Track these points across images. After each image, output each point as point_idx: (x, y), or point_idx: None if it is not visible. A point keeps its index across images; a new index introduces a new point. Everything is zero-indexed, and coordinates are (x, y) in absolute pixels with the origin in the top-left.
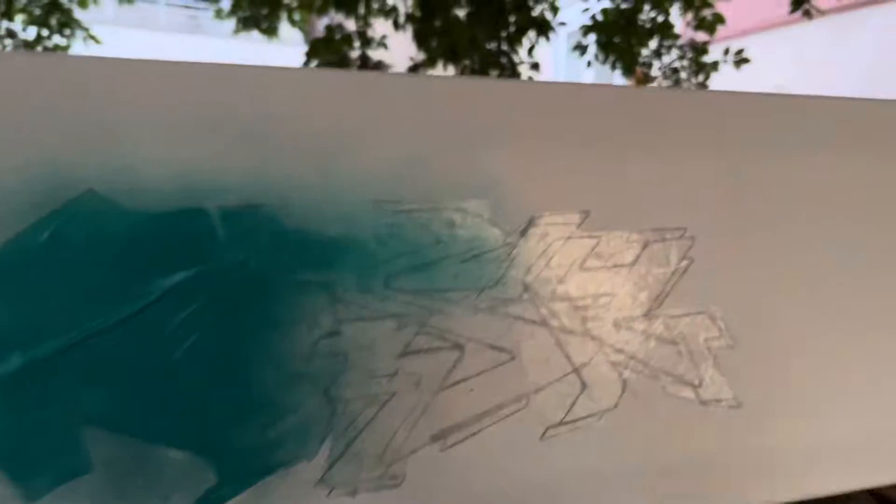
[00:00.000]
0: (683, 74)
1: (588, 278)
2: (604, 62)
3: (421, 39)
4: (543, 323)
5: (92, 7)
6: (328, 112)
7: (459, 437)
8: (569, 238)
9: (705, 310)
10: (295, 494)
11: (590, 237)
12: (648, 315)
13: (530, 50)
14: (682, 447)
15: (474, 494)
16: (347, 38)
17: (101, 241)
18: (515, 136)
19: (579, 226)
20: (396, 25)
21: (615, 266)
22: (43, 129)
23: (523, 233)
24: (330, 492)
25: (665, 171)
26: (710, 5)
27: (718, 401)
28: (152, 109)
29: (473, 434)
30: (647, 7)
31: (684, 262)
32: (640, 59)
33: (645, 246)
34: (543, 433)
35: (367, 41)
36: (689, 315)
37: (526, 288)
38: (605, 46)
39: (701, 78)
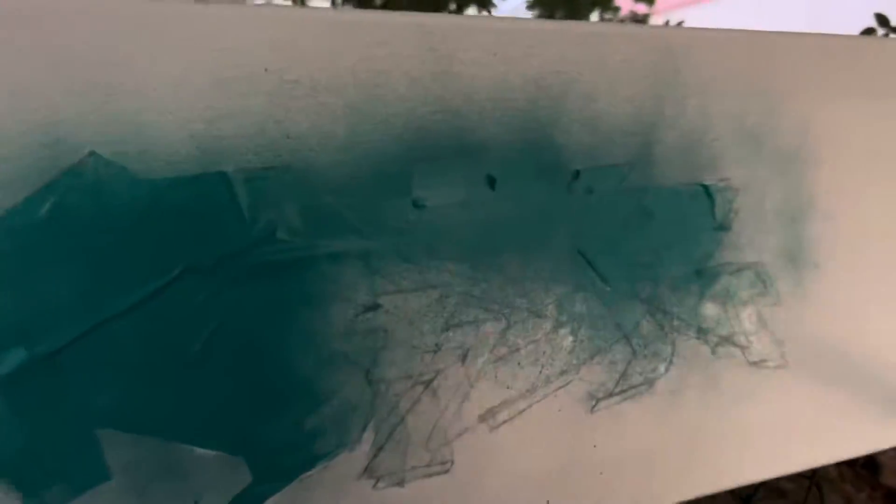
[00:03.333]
0: None
1: (633, 236)
2: None
3: None
4: (590, 287)
5: None
6: (349, 64)
7: (509, 416)
8: (618, 195)
9: (751, 265)
10: (339, 488)
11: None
12: (694, 272)
13: None
14: (734, 411)
15: (527, 474)
16: None
17: (108, 213)
18: None
19: (624, 181)
20: (334, 5)
21: (661, 222)
22: (35, 85)
23: (569, 188)
24: (376, 483)
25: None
26: None
27: (765, 361)
28: (159, 59)
29: (522, 411)
30: None
31: (731, 215)
32: None
33: (690, 199)
34: (594, 406)
35: None
36: (735, 271)
37: (572, 249)
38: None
39: None
